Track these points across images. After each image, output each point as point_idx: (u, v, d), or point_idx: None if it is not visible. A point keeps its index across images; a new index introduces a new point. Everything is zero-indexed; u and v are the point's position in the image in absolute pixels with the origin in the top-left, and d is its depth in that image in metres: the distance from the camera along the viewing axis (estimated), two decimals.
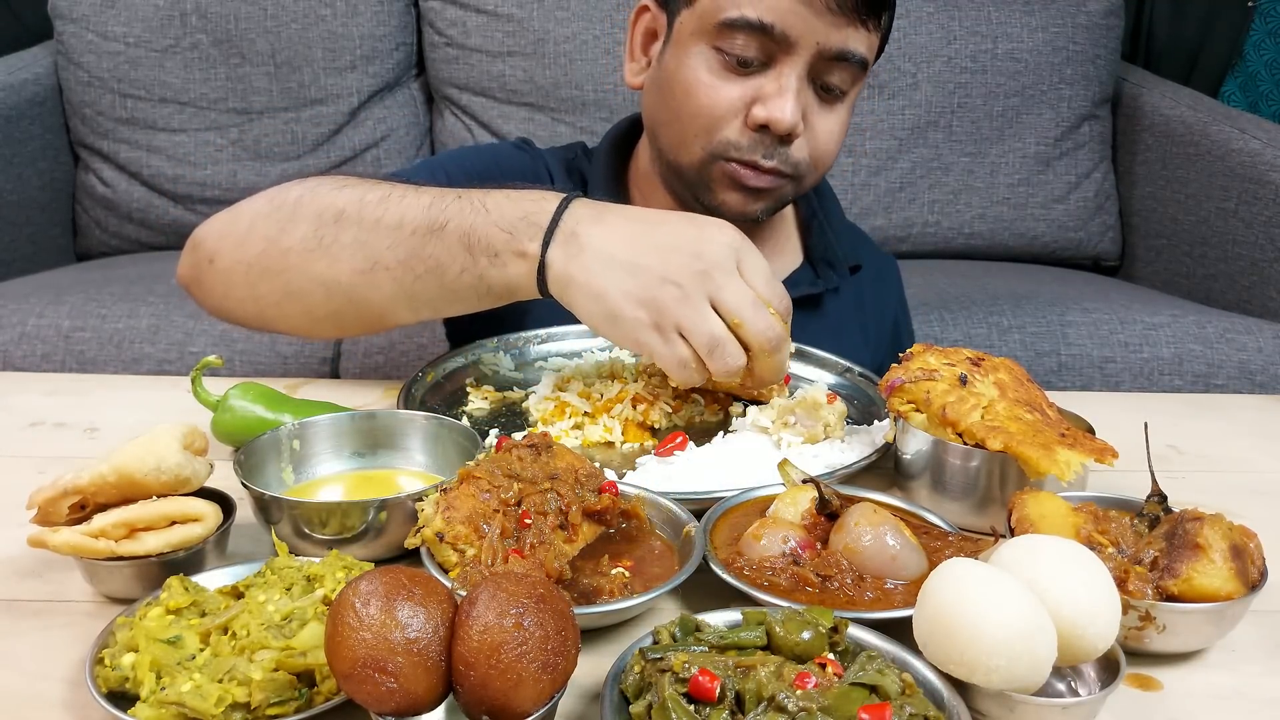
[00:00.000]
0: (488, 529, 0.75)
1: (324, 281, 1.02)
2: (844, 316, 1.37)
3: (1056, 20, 2.56)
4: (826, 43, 1.12)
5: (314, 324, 1.08)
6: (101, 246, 2.58)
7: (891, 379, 0.95)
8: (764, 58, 1.13)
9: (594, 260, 0.94)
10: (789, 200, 1.25)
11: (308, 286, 1.03)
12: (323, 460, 0.93)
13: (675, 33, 1.21)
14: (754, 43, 1.12)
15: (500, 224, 0.96)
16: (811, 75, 1.15)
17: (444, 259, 0.98)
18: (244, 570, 0.74)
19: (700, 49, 1.16)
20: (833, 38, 1.11)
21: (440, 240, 0.98)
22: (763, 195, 1.20)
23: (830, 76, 1.15)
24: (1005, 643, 0.61)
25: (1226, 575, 0.72)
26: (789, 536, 0.78)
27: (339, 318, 1.06)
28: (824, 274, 1.35)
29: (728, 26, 1.12)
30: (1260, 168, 2.23)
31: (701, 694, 0.59)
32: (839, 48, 1.12)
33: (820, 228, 1.38)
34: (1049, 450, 0.85)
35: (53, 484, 0.76)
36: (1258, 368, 1.97)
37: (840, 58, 1.13)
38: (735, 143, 1.16)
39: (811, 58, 1.13)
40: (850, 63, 1.14)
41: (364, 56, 2.50)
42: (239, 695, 0.61)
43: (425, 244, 0.98)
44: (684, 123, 1.19)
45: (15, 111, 2.39)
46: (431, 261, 0.98)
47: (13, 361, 1.90)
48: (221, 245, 1.08)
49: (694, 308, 0.92)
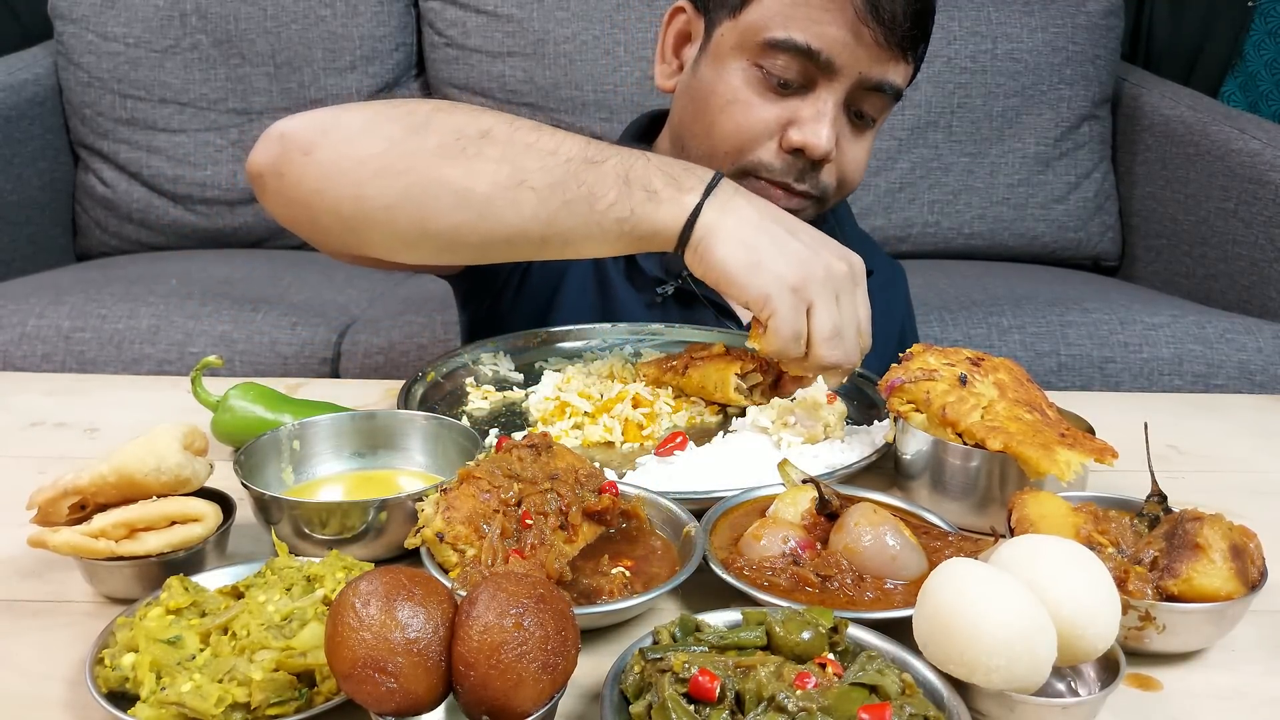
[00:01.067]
0: (488, 529, 0.75)
1: (457, 189, 0.97)
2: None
3: (1056, 20, 2.56)
4: (869, 73, 1.13)
5: (417, 239, 1.01)
6: (101, 246, 2.58)
7: (891, 379, 0.95)
8: (804, 81, 1.14)
9: (751, 217, 0.97)
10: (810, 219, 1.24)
11: (435, 191, 0.97)
12: (323, 460, 0.93)
13: (714, 43, 1.19)
14: (796, 65, 1.13)
15: (663, 168, 0.98)
16: (848, 102, 1.16)
17: (599, 188, 0.97)
18: (244, 570, 0.74)
19: (740, 65, 1.16)
20: (875, 70, 1.13)
21: (597, 171, 0.97)
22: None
23: (865, 105, 1.17)
24: (1005, 643, 0.61)
25: (1226, 575, 0.72)
26: (789, 536, 0.78)
27: (454, 234, 0.99)
28: None
29: (772, 46, 1.12)
30: (1260, 168, 2.23)
31: (701, 694, 0.59)
32: (879, 79, 1.14)
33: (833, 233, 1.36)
34: (1049, 450, 0.85)
35: (53, 484, 0.76)
36: (1258, 368, 1.97)
37: (878, 88, 1.15)
38: (768, 164, 1.17)
39: (852, 86, 1.14)
40: (885, 93, 1.16)
41: (364, 57, 2.51)
42: (239, 695, 0.61)
43: (581, 172, 0.97)
44: (715, 138, 1.19)
45: (15, 111, 2.39)
46: (585, 189, 0.96)
47: (13, 361, 1.90)
48: (325, 138, 1.00)
49: (828, 296, 0.96)
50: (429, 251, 1.03)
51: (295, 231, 1.09)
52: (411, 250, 1.03)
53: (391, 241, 1.03)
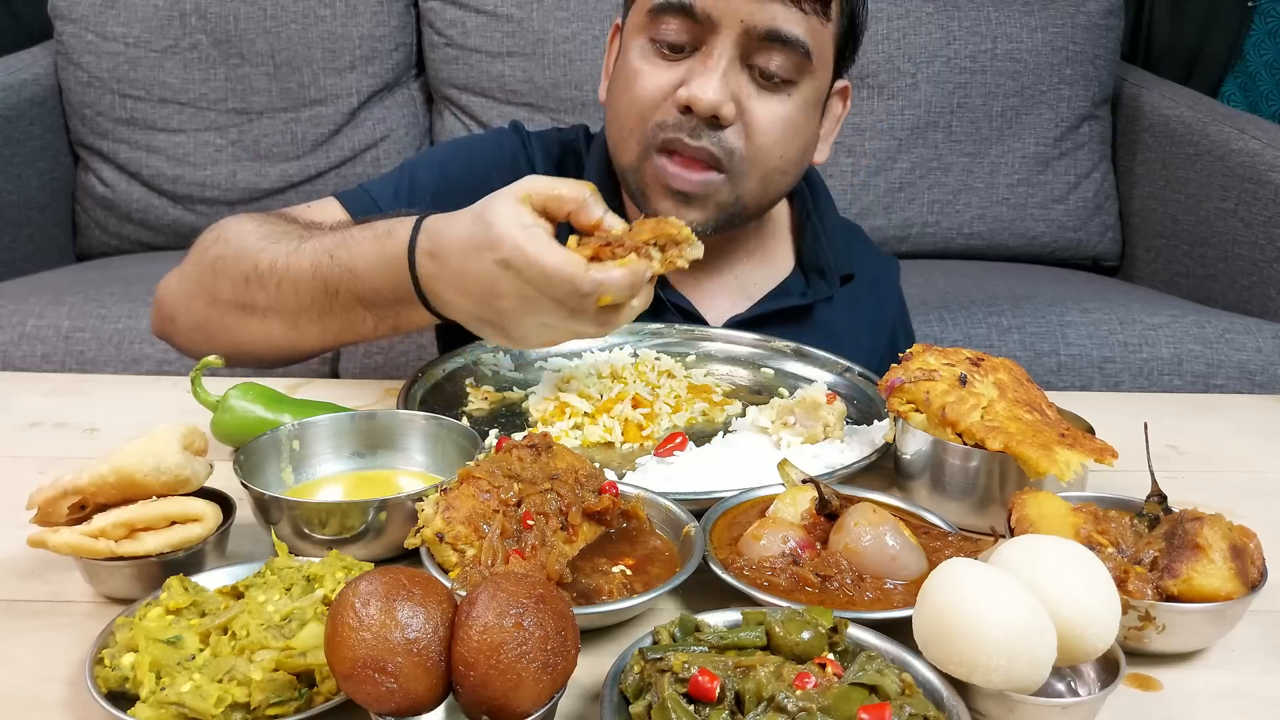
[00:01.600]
0: (488, 529, 0.75)
1: (262, 337, 1.11)
2: (837, 326, 1.33)
3: (1056, 20, 2.56)
4: (751, 20, 1.10)
5: (271, 364, 1.17)
6: (101, 246, 2.58)
7: (891, 379, 0.95)
8: (694, 42, 1.14)
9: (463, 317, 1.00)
10: (729, 210, 1.19)
11: (250, 341, 1.12)
12: (323, 460, 0.93)
13: (623, 37, 1.22)
14: (681, 26, 1.13)
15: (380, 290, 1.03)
16: (745, 58, 1.13)
17: (352, 318, 1.07)
18: (244, 570, 0.74)
19: (638, 42, 1.17)
20: (758, 15, 1.10)
21: (338, 303, 1.05)
22: (696, 200, 1.16)
23: (768, 61, 1.12)
24: (1005, 643, 0.61)
25: (1226, 575, 0.72)
26: (789, 536, 0.78)
27: (288, 359, 1.15)
28: (814, 284, 1.32)
29: (655, 13, 1.14)
30: (1260, 168, 2.23)
31: (701, 694, 0.59)
32: (767, 26, 1.10)
33: (814, 232, 1.35)
34: (1049, 450, 0.85)
35: (53, 484, 0.76)
36: (1257, 368, 1.97)
37: (772, 38, 1.11)
38: (662, 122, 1.15)
39: (739, 38, 1.11)
40: (788, 46, 1.11)
41: (363, 57, 2.50)
42: (239, 695, 0.62)
43: (328, 307, 1.06)
44: (621, 115, 1.20)
45: (15, 111, 2.39)
46: (343, 321, 1.07)
47: (13, 361, 1.90)
48: (176, 306, 1.17)
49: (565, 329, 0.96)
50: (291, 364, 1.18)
51: None
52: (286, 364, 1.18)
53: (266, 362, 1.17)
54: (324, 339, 1.11)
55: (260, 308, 1.08)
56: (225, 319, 1.12)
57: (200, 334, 1.15)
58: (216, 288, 1.11)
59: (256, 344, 1.12)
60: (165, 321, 1.19)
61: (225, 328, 1.12)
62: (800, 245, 1.36)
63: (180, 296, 1.16)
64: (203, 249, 1.14)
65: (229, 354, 1.09)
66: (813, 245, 1.34)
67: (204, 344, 1.14)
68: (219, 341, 1.13)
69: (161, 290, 1.19)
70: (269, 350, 1.13)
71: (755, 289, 1.33)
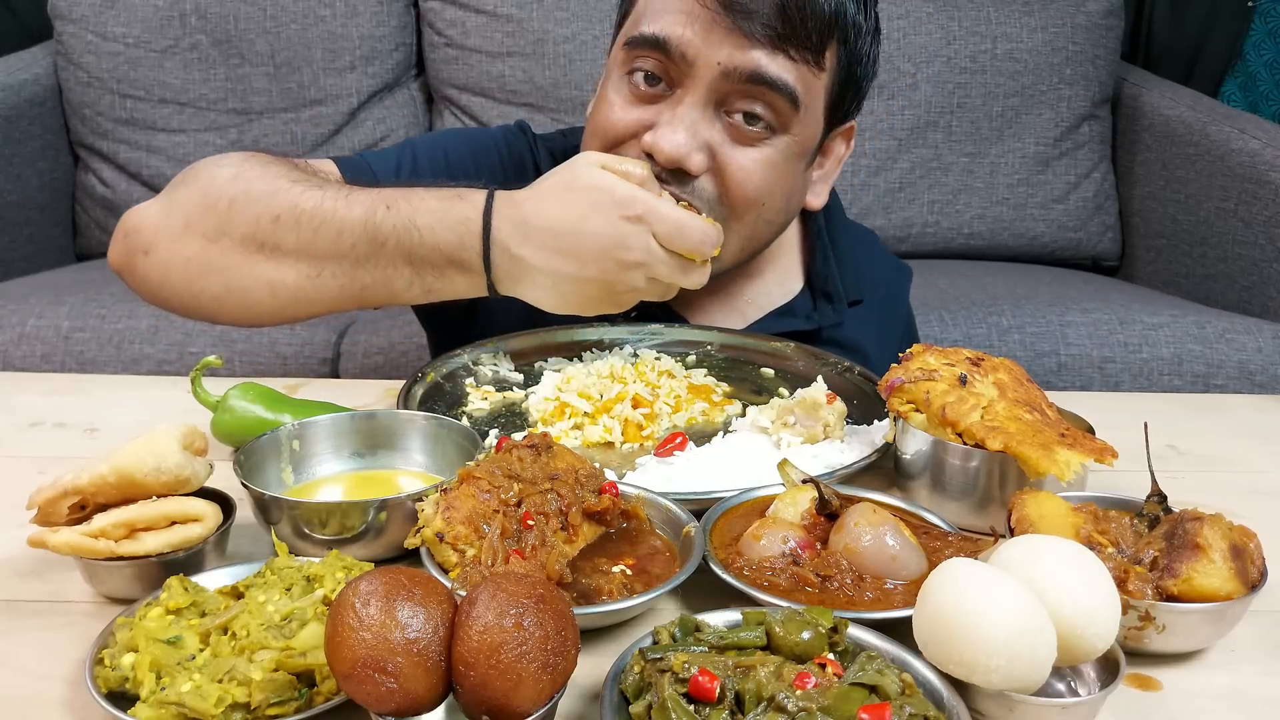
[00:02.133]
0: (488, 529, 0.75)
1: (269, 282, 1.05)
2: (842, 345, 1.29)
3: (1056, 20, 2.56)
4: (729, 63, 1.05)
5: (253, 318, 1.10)
6: (101, 246, 2.57)
7: (891, 379, 0.95)
8: (670, 81, 1.09)
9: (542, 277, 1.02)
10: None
11: (250, 285, 1.05)
12: (323, 460, 0.93)
13: (607, 61, 1.19)
14: (654, 61, 1.09)
15: (437, 247, 1.01)
16: (721, 104, 1.08)
17: (390, 273, 1.03)
18: (244, 570, 0.74)
19: (617, 75, 1.14)
20: (736, 58, 1.04)
21: (383, 256, 1.02)
22: None
23: (751, 104, 1.07)
24: (1005, 643, 0.61)
25: (1226, 575, 0.72)
26: (789, 536, 0.78)
27: (281, 313, 1.08)
28: (821, 309, 1.30)
29: (631, 46, 1.10)
30: (1260, 168, 2.23)
31: (701, 694, 0.59)
32: (748, 69, 1.05)
33: (824, 254, 1.31)
34: (1049, 450, 0.85)
35: (53, 484, 0.76)
36: (1257, 368, 1.97)
37: (756, 80, 1.05)
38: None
39: (714, 81, 1.06)
40: (774, 90, 1.06)
41: (363, 57, 2.50)
42: (239, 695, 0.62)
43: (369, 257, 1.02)
44: (588, 145, 1.17)
45: (15, 111, 2.39)
46: (379, 274, 1.03)
47: (13, 361, 1.90)
48: (157, 238, 1.07)
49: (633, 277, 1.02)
50: (270, 323, 1.11)
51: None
52: (256, 323, 1.11)
53: (235, 320, 1.11)
54: (342, 294, 1.05)
55: (284, 249, 1.03)
56: (228, 257, 1.04)
57: (186, 269, 1.06)
58: (229, 224, 1.04)
59: (255, 288, 1.05)
60: (136, 253, 1.08)
61: (225, 266, 1.05)
62: (810, 265, 1.34)
63: (166, 229, 1.06)
64: (211, 182, 1.06)
65: (216, 295, 1.06)
66: (822, 269, 1.31)
67: (184, 281, 1.06)
68: (210, 280, 1.05)
69: (136, 219, 1.09)
70: (267, 297, 1.05)
71: (754, 308, 1.30)
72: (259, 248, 1.03)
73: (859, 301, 1.32)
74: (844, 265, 1.33)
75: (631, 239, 1.00)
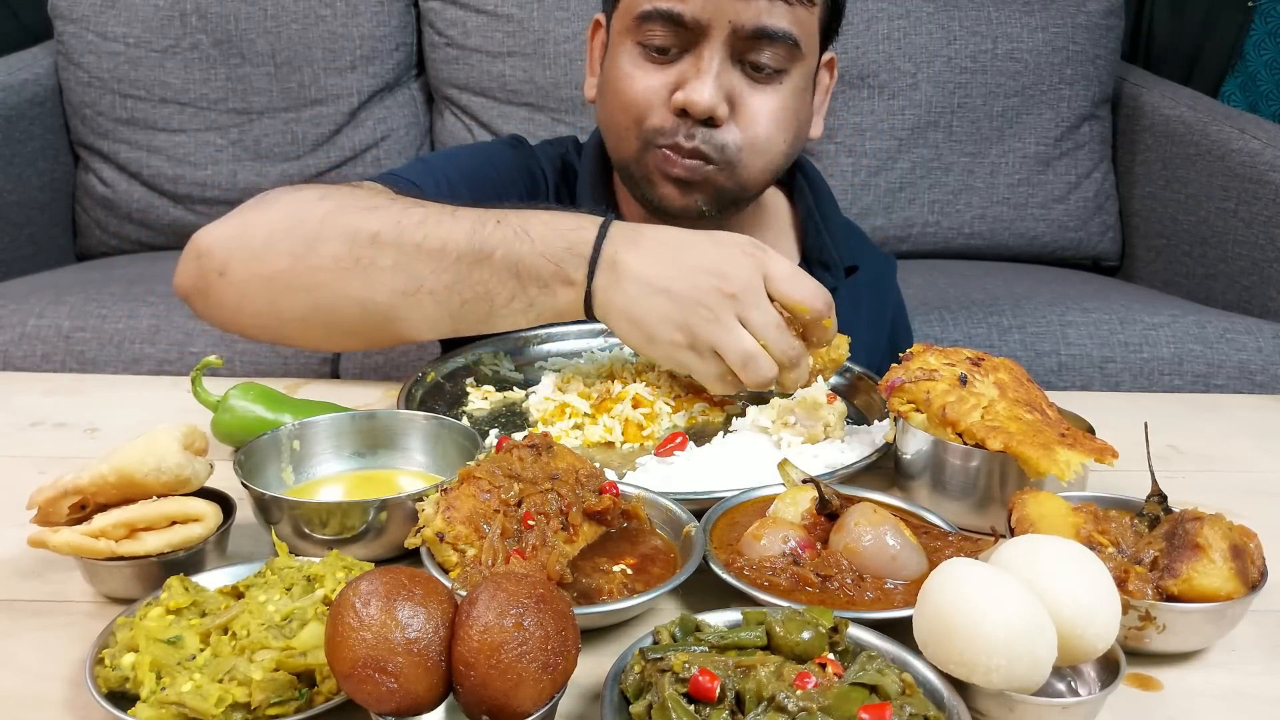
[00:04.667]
0: (488, 529, 0.75)
1: (359, 300, 1.02)
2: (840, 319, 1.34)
3: (1056, 20, 2.56)
4: (739, 20, 1.12)
5: (339, 340, 1.09)
6: (101, 246, 2.58)
7: (891, 379, 0.95)
8: (683, 45, 1.15)
9: (631, 286, 0.98)
10: (730, 192, 1.21)
11: (340, 304, 1.03)
12: (323, 460, 0.93)
13: (610, 37, 1.23)
14: (669, 31, 1.14)
15: (547, 254, 0.99)
16: (735, 55, 1.15)
17: (493, 286, 1.00)
18: (244, 570, 0.74)
19: (626, 46, 1.19)
20: (744, 15, 1.11)
21: (488, 267, 1.00)
22: (695, 186, 1.19)
23: (758, 55, 1.15)
24: (1005, 643, 0.61)
25: (1226, 575, 0.72)
26: (789, 536, 0.78)
27: (369, 335, 1.06)
28: (819, 276, 1.33)
29: (643, 19, 1.15)
30: (1260, 168, 2.23)
31: (701, 694, 0.59)
32: (754, 25, 1.12)
33: (816, 228, 1.37)
34: (1049, 450, 0.85)
35: (53, 484, 0.76)
36: (1258, 368, 1.97)
37: (761, 35, 1.13)
38: (660, 128, 1.17)
39: (728, 38, 1.13)
40: (776, 40, 1.13)
41: (364, 56, 2.50)
42: (239, 695, 0.62)
43: (472, 271, 1.00)
44: (617, 118, 1.21)
45: (15, 111, 2.38)
46: (481, 288, 1.00)
47: (13, 361, 1.89)
48: (233, 257, 1.04)
49: (725, 328, 0.96)
50: (355, 346, 1.11)
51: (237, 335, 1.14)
52: (339, 346, 1.12)
53: (318, 344, 1.11)
54: (437, 312, 1.02)
55: (380, 265, 1.00)
56: (316, 275, 1.01)
57: (269, 288, 1.03)
58: (320, 240, 1.01)
59: (345, 308, 1.02)
60: (210, 274, 1.04)
61: (312, 285, 1.02)
62: (804, 241, 1.39)
63: (242, 249, 1.03)
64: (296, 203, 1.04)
65: (301, 315, 1.04)
66: (816, 240, 1.36)
67: (267, 301, 1.04)
68: (296, 298, 1.03)
69: (209, 239, 1.05)
70: (358, 317, 1.03)
71: None
72: (353, 264, 1.01)
73: (855, 269, 1.38)
74: (836, 238, 1.38)
75: (738, 267, 0.97)
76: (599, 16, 1.29)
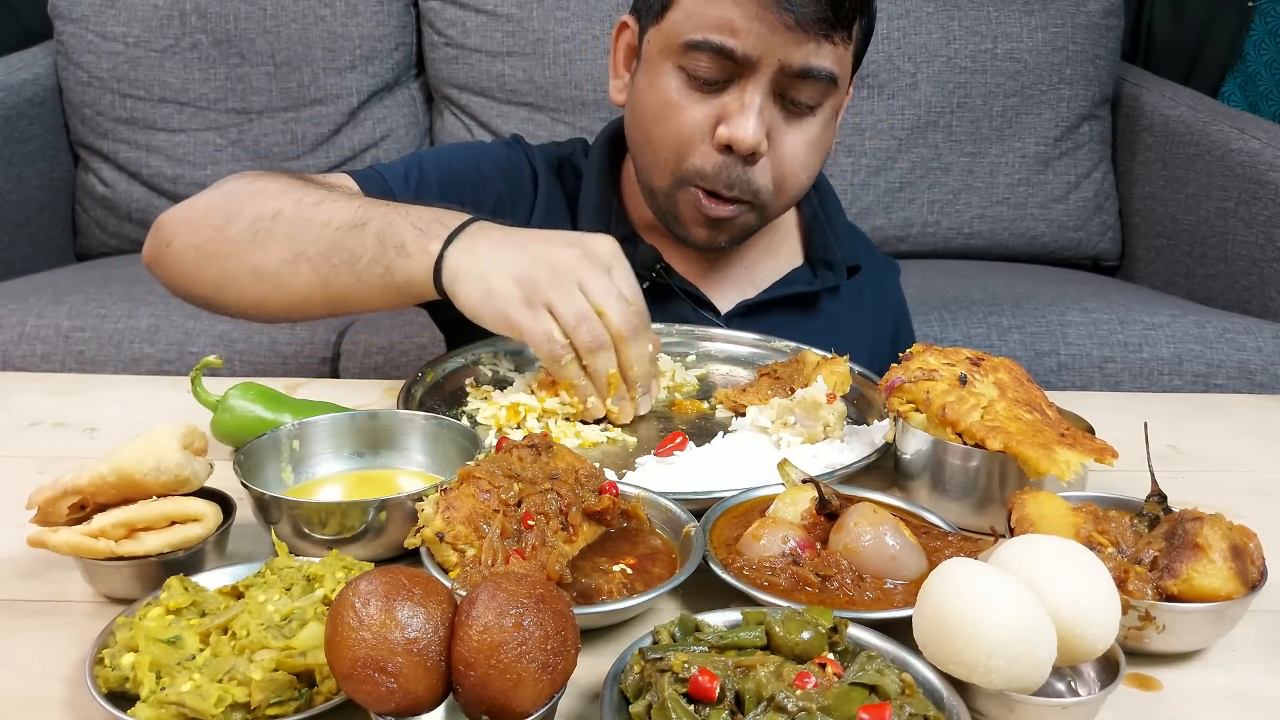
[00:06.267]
0: (488, 529, 0.75)
1: (254, 268, 1.11)
2: (842, 317, 1.37)
3: (1056, 20, 2.56)
4: (788, 60, 1.12)
5: (243, 308, 1.17)
6: (101, 246, 2.58)
7: (891, 379, 0.95)
8: (727, 76, 1.15)
9: (484, 248, 1.02)
10: (754, 229, 1.26)
11: (240, 272, 1.12)
12: (323, 460, 0.93)
13: (644, 51, 1.23)
14: (715, 64, 1.14)
15: (415, 224, 1.05)
16: (776, 91, 1.16)
17: (358, 250, 1.06)
18: (244, 570, 0.74)
19: (667, 69, 1.18)
20: (794, 55, 1.12)
21: (359, 235, 1.07)
22: (725, 226, 1.22)
23: (797, 93, 1.16)
24: (1005, 643, 0.61)
25: (1226, 575, 0.72)
26: (789, 536, 0.78)
27: (262, 303, 1.14)
28: (822, 274, 1.36)
29: (690, 48, 1.14)
30: (1260, 168, 2.23)
31: (701, 694, 0.59)
32: (801, 65, 1.13)
33: (821, 229, 1.38)
34: (1049, 450, 0.85)
35: (53, 484, 0.76)
36: (1258, 368, 1.97)
37: (804, 75, 1.14)
38: (701, 171, 1.18)
39: (774, 75, 1.13)
40: (819, 79, 1.15)
41: (364, 56, 2.50)
42: (239, 695, 0.61)
43: (345, 238, 1.07)
44: (655, 146, 1.21)
45: (15, 111, 2.39)
46: (347, 253, 1.07)
47: (13, 361, 1.89)
48: (177, 230, 1.17)
49: (564, 288, 0.99)
50: (257, 316, 1.19)
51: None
52: (255, 316, 1.19)
53: (234, 312, 1.19)
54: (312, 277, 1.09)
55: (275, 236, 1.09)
56: (228, 245, 1.12)
57: (195, 256, 1.15)
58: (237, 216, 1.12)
59: (243, 274, 1.12)
60: (159, 247, 1.19)
61: (224, 254, 1.13)
62: (808, 242, 1.40)
63: (184, 223, 1.17)
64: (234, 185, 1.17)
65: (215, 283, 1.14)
66: (820, 240, 1.38)
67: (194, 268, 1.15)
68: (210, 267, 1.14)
69: (164, 216, 1.20)
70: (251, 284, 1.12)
71: (762, 278, 1.37)
72: (253, 236, 1.10)
73: (857, 269, 1.39)
74: (840, 238, 1.40)
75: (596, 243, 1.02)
76: (626, 18, 1.28)
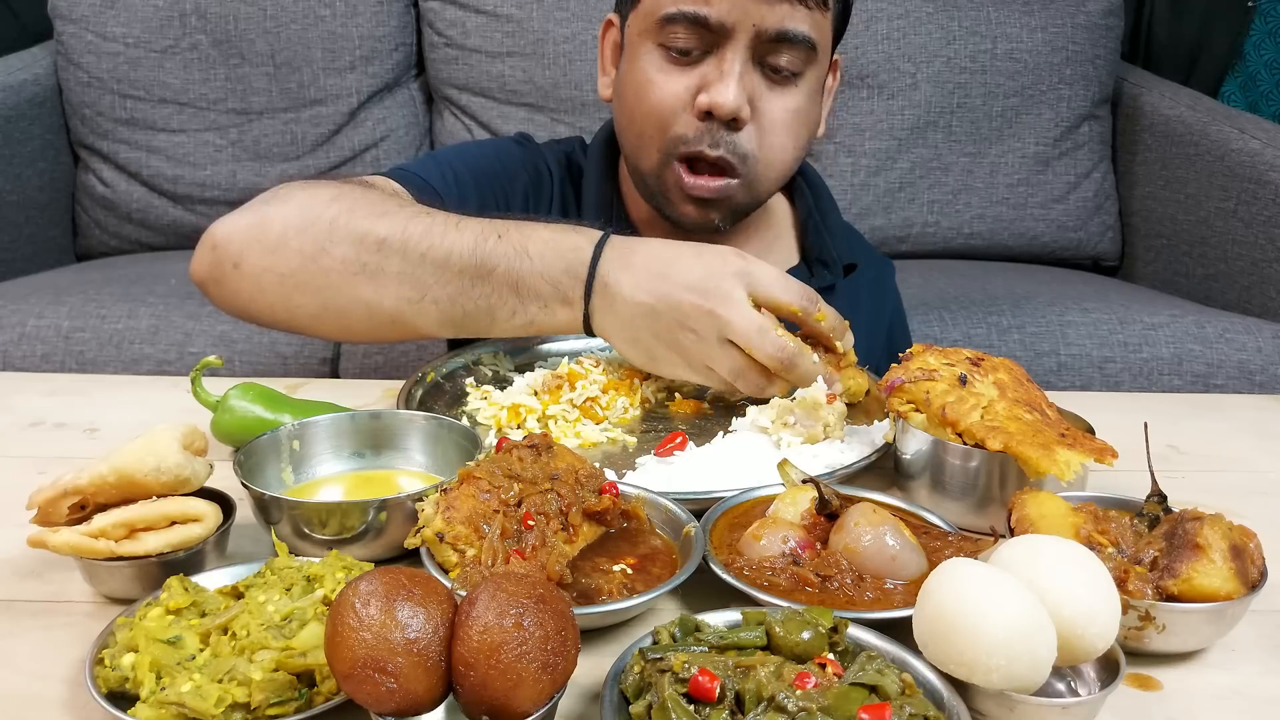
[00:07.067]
0: (488, 529, 0.75)
1: (367, 303, 1.05)
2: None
3: (1056, 20, 2.56)
4: (763, 24, 1.13)
5: (349, 336, 1.13)
6: (101, 246, 2.58)
7: (891, 379, 0.95)
8: (705, 46, 1.16)
9: (624, 308, 1.02)
10: (745, 208, 1.25)
11: (349, 306, 1.05)
12: (323, 460, 0.93)
13: (627, 39, 1.24)
14: (693, 34, 1.15)
15: (545, 275, 1.03)
16: (756, 58, 1.16)
17: (494, 301, 1.04)
18: (244, 570, 0.74)
19: (647, 48, 1.19)
20: (768, 19, 1.13)
21: (489, 283, 1.03)
22: (713, 205, 1.21)
23: (777, 58, 1.16)
24: (1005, 643, 0.61)
25: (1226, 575, 0.72)
26: (789, 536, 0.78)
27: (376, 334, 1.09)
28: (818, 273, 1.36)
29: (667, 21, 1.16)
30: (1260, 168, 2.23)
31: (701, 694, 0.59)
32: (777, 28, 1.13)
33: (816, 228, 1.38)
34: (1049, 450, 0.85)
35: (53, 484, 0.76)
36: (1257, 368, 1.97)
37: (782, 38, 1.14)
38: (683, 136, 1.18)
39: (751, 40, 1.14)
40: (796, 43, 1.15)
41: (363, 57, 2.50)
42: (239, 695, 0.61)
43: (474, 285, 1.03)
44: (639, 123, 1.21)
45: (15, 111, 2.38)
46: (482, 302, 1.04)
47: (13, 361, 1.89)
48: (249, 251, 1.06)
49: (711, 346, 1.00)
50: (362, 340, 1.16)
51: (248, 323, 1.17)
52: (348, 339, 1.16)
53: (328, 336, 1.14)
54: (441, 319, 1.05)
55: (387, 272, 1.03)
56: (327, 276, 1.04)
57: (281, 285, 1.05)
58: (330, 243, 1.03)
59: (353, 310, 1.05)
60: (225, 265, 1.07)
61: (323, 286, 1.04)
62: (804, 241, 1.40)
63: (257, 243, 1.06)
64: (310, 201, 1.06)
65: (313, 313, 1.06)
66: (816, 239, 1.38)
67: (280, 296, 1.06)
68: (307, 298, 1.05)
69: (226, 230, 1.07)
70: (364, 319, 1.06)
71: None
72: (360, 269, 1.03)
73: (853, 267, 1.39)
74: (836, 236, 1.40)
75: (718, 280, 0.99)
76: (611, 16, 1.30)
